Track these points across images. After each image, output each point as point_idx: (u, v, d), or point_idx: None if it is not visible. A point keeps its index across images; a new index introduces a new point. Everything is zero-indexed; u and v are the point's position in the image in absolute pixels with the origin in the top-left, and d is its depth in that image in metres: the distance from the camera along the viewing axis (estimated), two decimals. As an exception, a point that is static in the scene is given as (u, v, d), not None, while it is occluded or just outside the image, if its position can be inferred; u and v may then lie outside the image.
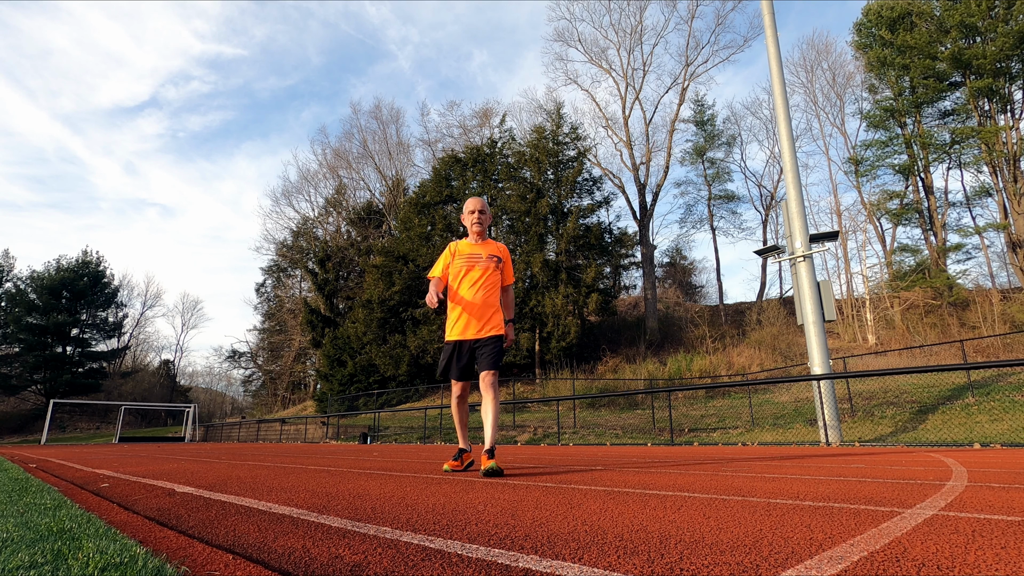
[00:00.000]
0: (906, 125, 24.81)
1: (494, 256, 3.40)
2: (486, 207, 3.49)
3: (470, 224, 3.45)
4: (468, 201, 3.49)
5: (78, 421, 37.27)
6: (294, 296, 41.73)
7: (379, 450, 8.42)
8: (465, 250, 3.40)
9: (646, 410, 15.79)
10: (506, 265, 3.47)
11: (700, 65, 29.99)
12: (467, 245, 3.43)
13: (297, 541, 1.23)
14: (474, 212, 3.44)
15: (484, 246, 3.43)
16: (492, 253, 3.41)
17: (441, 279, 3.39)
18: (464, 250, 3.41)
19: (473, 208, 3.45)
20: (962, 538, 1.18)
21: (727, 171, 33.98)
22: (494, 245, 3.47)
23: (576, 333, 21.64)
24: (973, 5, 20.84)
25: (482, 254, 3.37)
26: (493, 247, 3.45)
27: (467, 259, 3.36)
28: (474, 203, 3.45)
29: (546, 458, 5.16)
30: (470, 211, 3.46)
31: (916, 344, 16.81)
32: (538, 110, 28.08)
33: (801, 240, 10.50)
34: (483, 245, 3.44)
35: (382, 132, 37.96)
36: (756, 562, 0.98)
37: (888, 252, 24.91)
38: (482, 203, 3.47)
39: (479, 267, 3.32)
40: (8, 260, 41.59)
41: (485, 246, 3.44)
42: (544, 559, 1.02)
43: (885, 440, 9.02)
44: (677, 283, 35.79)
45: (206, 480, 2.88)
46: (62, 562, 1.04)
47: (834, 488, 2.23)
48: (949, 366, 8.18)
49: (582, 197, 25.73)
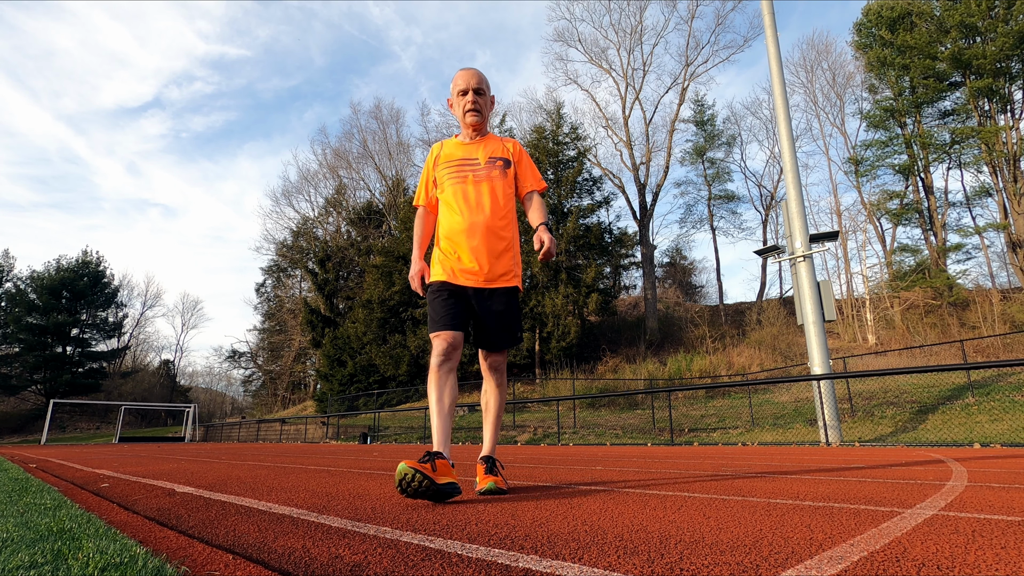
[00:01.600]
0: (906, 125, 24.81)
1: (497, 159, 2.26)
2: (485, 83, 2.29)
3: (461, 111, 2.26)
4: (458, 75, 2.26)
5: (78, 421, 37.26)
6: (294, 296, 41.73)
7: (379, 450, 8.42)
8: (453, 154, 2.28)
9: (646, 410, 15.79)
10: (522, 165, 2.36)
11: (700, 65, 30.01)
12: (455, 145, 2.31)
13: (297, 541, 1.23)
14: (467, 92, 2.23)
15: (482, 144, 2.30)
16: (494, 155, 2.27)
17: (428, 214, 2.35)
18: (451, 154, 2.28)
19: (466, 85, 2.23)
20: (962, 538, 1.18)
21: (727, 171, 34.00)
22: (497, 142, 2.34)
23: (576, 333, 21.64)
24: (973, 5, 20.84)
25: (478, 158, 2.25)
26: (496, 144, 2.32)
27: (456, 168, 2.24)
28: (466, 77, 2.24)
29: (546, 458, 5.16)
30: (460, 90, 2.24)
31: (916, 344, 16.80)
32: (538, 110, 28.12)
33: (801, 240, 10.50)
34: (481, 143, 2.31)
35: (382, 132, 37.96)
36: (756, 562, 0.98)
37: (888, 252, 24.92)
38: (479, 77, 2.25)
39: (474, 179, 2.21)
40: (8, 260, 41.60)
41: (484, 144, 2.30)
42: (544, 559, 1.02)
43: (885, 440, 9.02)
44: (677, 283, 35.79)
45: (206, 480, 2.88)
46: (62, 562, 1.04)
47: (834, 488, 2.23)
48: (949, 366, 8.18)
49: (582, 197, 25.75)
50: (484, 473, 2.13)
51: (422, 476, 1.71)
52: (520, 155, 2.36)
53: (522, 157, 2.37)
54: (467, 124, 2.28)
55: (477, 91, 2.26)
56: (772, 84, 11.57)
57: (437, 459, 1.82)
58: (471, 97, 2.25)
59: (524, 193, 2.35)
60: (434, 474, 1.75)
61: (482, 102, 2.28)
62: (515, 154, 2.34)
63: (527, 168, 2.36)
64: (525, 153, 2.40)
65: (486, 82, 2.31)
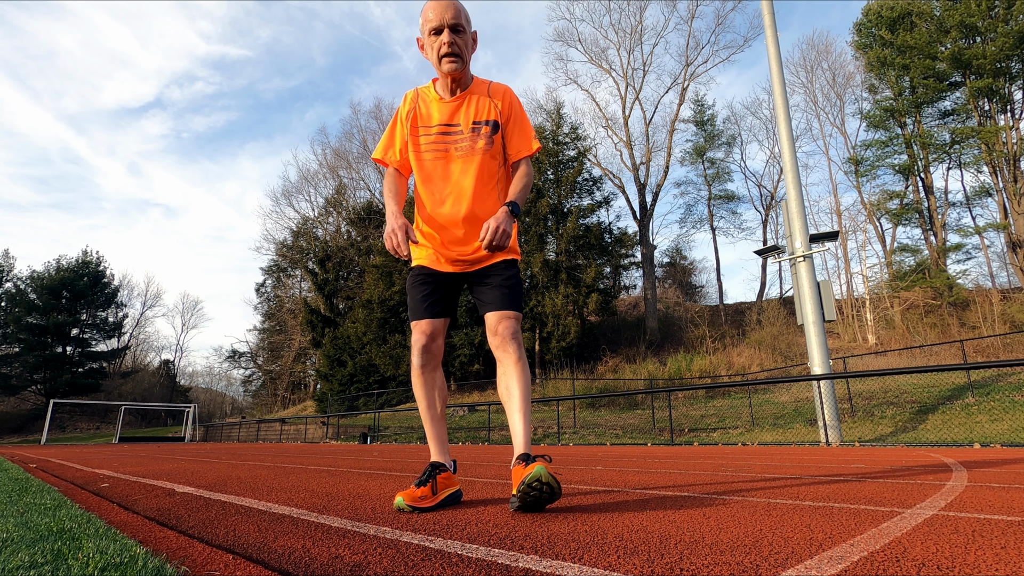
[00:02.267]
0: (906, 125, 24.81)
1: (482, 124, 1.83)
2: (464, 15, 1.78)
3: (436, 55, 1.76)
4: (428, 6, 1.76)
5: (78, 421, 37.27)
6: (294, 296, 41.74)
7: (379, 450, 8.42)
8: (431, 115, 1.85)
9: (646, 410, 15.79)
10: (511, 123, 1.89)
11: (700, 65, 30.04)
12: (434, 102, 1.86)
13: (297, 541, 1.23)
14: (441, 30, 1.74)
15: (465, 102, 1.85)
16: (479, 117, 1.83)
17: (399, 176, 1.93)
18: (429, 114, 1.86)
19: (439, 22, 1.73)
20: (962, 538, 1.18)
21: (727, 171, 34.02)
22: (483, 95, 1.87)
23: (576, 333, 21.64)
24: (973, 5, 20.84)
25: (460, 124, 1.83)
26: (482, 100, 1.85)
27: (435, 139, 1.84)
28: (439, 10, 1.73)
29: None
30: (433, 28, 1.74)
31: (916, 344, 16.81)
32: (538, 110, 28.11)
33: (801, 240, 10.51)
34: (463, 101, 1.85)
35: (382, 132, 37.94)
36: (756, 562, 0.98)
37: (888, 252, 24.93)
38: (455, 8, 1.75)
39: (457, 154, 1.82)
40: (8, 260, 41.61)
41: (467, 102, 1.85)
42: (544, 559, 1.02)
43: (885, 440, 9.02)
44: (677, 283, 35.80)
45: (206, 480, 2.88)
46: (62, 562, 1.04)
47: (834, 488, 2.23)
48: (949, 366, 8.18)
49: (582, 197, 25.76)
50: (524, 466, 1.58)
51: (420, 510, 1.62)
52: (510, 109, 1.89)
53: (512, 111, 1.89)
54: (444, 73, 1.79)
55: (454, 27, 1.74)
56: (772, 84, 11.57)
57: (439, 475, 1.72)
58: (446, 37, 1.73)
59: (511, 162, 1.91)
60: (434, 497, 1.68)
61: (461, 43, 1.75)
62: (504, 110, 1.87)
63: (515, 127, 1.88)
64: (516, 104, 1.91)
65: (465, 15, 1.78)
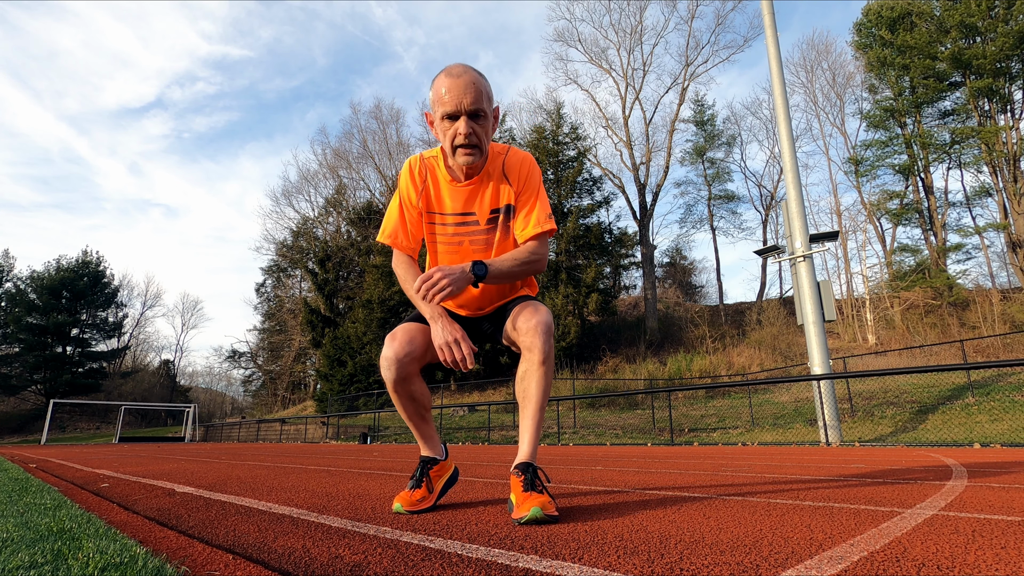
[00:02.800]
0: (906, 125, 24.82)
1: (499, 211, 1.65)
2: (486, 95, 1.52)
3: (450, 142, 1.53)
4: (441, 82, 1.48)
5: (78, 421, 37.27)
6: (294, 296, 41.74)
7: (379, 450, 8.42)
8: (445, 201, 1.66)
9: (646, 410, 15.79)
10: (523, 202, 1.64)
11: (700, 65, 30.04)
12: (447, 185, 1.65)
13: (297, 541, 1.23)
14: (458, 115, 1.49)
15: (481, 188, 1.64)
16: (496, 204, 1.65)
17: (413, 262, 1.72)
18: (442, 200, 1.66)
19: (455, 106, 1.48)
20: (962, 538, 1.18)
21: (727, 171, 34.04)
22: (497, 175, 1.64)
23: (576, 333, 21.65)
24: (973, 5, 20.85)
25: (476, 214, 1.65)
26: (496, 183, 1.64)
27: (452, 231, 1.67)
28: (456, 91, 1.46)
29: (546, 458, 5.15)
30: (447, 113, 1.49)
31: (916, 344, 16.81)
32: (538, 110, 28.15)
33: (801, 240, 10.51)
34: (479, 187, 1.64)
35: (382, 132, 37.91)
36: (756, 562, 0.98)
37: (888, 252, 24.93)
38: (476, 90, 1.48)
39: (472, 247, 1.67)
40: (8, 260, 41.62)
41: (483, 187, 1.64)
42: (544, 559, 1.02)
43: (885, 440, 9.02)
44: (677, 283, 35.80)
45: (206, 480, 2.88)
46: (62, 562, 1.04)
47: (834, 488, 2.23)
48: (949, 366, 8.18)
49: (582, 197, 25.78)
50: (523, 490, 1.45)
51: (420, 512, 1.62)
52: (524, 184, 1.64)
53: (525, 187, 1.64)
54: (460, 166, 1.57)
55: (473, 114, 1.49)
56: (772, 84, 11.57)
57: (431, 470, 1.71)
58: (463, 127, 1.49)
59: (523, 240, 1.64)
60: (431, 496, 1.69)
61: (480, 130, 1.52)
62: (518, 187, 1.64)
63: (523, 205, 1.64)
64: (532, 179, 1.65)
65: (487, 93, 1.53)
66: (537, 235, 1.62)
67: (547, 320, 1.55)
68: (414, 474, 1.70)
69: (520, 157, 1.68)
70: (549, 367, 1.55)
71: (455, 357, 1.49)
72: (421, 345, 1.63)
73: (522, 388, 1.59)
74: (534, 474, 1.49)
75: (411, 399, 1.67)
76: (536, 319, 1.53)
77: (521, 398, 1.59)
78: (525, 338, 1.54)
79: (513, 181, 1.65)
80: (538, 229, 1.62)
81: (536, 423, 1.57)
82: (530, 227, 1.62)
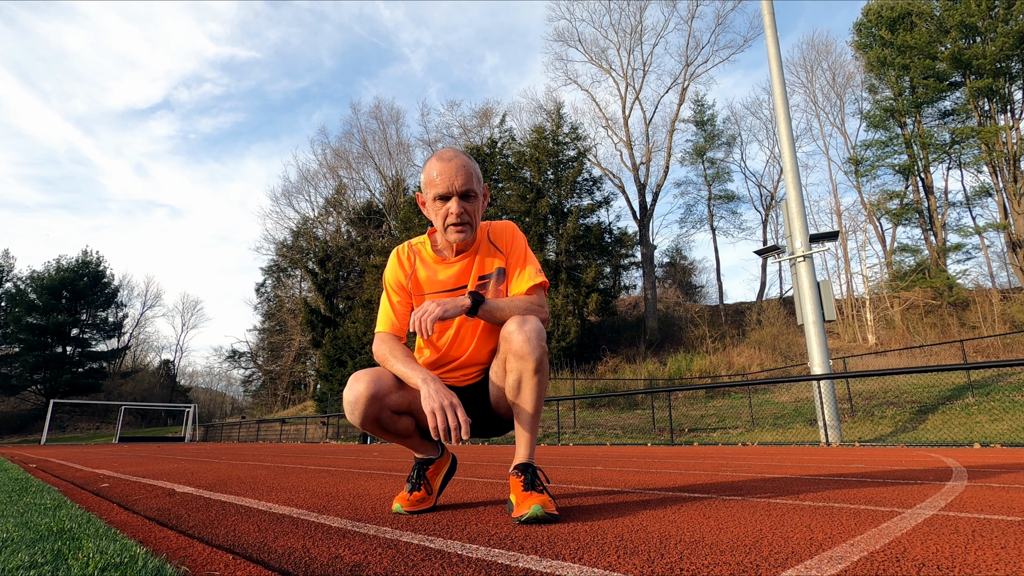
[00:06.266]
0: (906, 125, 24.82)
1: (489, 277, 1.67)
2: (475, 177, 1.60)
3: (442, 222, 1.59)
4: (432, 165, 1.58)
5: (78, 421, 37.28)
6: (294, 296, 41.76)
7: (379, 450, 8.42)
8: (434, 276, 1.69)
9: (646, 410, 15.79)
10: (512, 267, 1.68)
11: (700, 65, 30.04)
12: (435, 263, 1.70)
13: (297, 541, 1.23)
14: (449, 197, 1.56)
15: (471, 260, 1.68)
16: (484, 272, 1.68)
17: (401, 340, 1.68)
18: (432, 277, 1.69)
19: (447, 188, 1.55)
20: (962, 538, 1.18)
21: (727, 171, 34.01)
22: (484, 243, 1.70)
23: (576, 333, 21.64)
24: (973, 5, 20.84)
25: (467, 286, 1.67)
26: (485, 253, 1.69)
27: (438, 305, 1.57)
28: (448, 174, 1.55)
29: (546, 458, 5.16)
30: (439, 195, 1.57)
31: (916, 344, 16.81)
32: (538, 110, 28.14)
33: (801, 240, 10.51)
34: (470, 258, 1.68)
35: (382, 132, 37.95)
36: (756, 562, 0.98)
37: (888, 252, 24.93)
38: (466, 172, 1.57)
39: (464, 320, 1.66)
40: (8, 260, 41.62)
41: (473, 260, 1.68)
42: (544, 559, 1.02)
43: (885, 440, 9.03)
44: (677, 283, 35.79)
45: (206, 480, 2.88)
46: (62, 562, 1.04)
47: (834, 488, 2.23)
48: (949, 366, 8.19)
49: (582, 197, 25.77)
50: (523, 490, 1.45)
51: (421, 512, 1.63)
52: (512, 248, 1.70)
53: (511, 252, 1.69)
54: (450, 241, 1.62)
55: (464, 195, 1.56)
56: (772, 84, 11.57)
57: (427, 471, 1.70)
58: (455, 207, 1.55)
59: None
60: (431, 497, 1.68)
61: (471, 209, 1.59)
62: (506, 252, 1.69)
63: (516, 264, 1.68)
64: (517, 244, 1.70)
65: (476, 175, 1.60)
66: (531, 288, 1.65)
67: (538, 327, 1.53)
68: (410, 476, 1.68)
69: (503, 225, 1.75)
70: (543, 374, 1.53)
71: (448, 424, 1.37)
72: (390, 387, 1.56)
73: (515, 396, 1.55)
74: (534, 474, 1.50)
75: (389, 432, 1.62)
76: (527, 326, 1.50)
77: (515, 406, 1.57)
78: (516, 346, 1.49)
79: (502, 247, 1.70)
80: (531, 282, 1.65)
81: (533, 427, 1.57)
82: (523, 282, 1.66)
